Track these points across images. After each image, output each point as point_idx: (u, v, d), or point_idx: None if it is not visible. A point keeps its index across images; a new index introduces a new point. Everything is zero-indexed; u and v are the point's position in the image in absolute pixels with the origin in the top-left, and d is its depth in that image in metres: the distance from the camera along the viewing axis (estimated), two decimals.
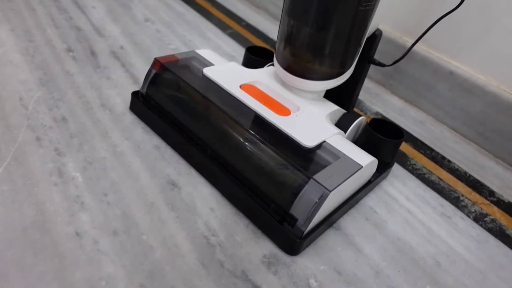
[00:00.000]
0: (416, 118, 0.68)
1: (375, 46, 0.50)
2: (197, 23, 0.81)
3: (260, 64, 0.57)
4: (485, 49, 0.62)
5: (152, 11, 0.80)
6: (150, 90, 0.48)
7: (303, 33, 0.42)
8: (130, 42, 0.66)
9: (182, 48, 0.69)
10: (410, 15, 0.70)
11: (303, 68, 0.44)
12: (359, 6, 0.38)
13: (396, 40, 0.72)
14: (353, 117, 0.49)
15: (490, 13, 0.60)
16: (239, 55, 0.73)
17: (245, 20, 0.90)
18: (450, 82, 0.66)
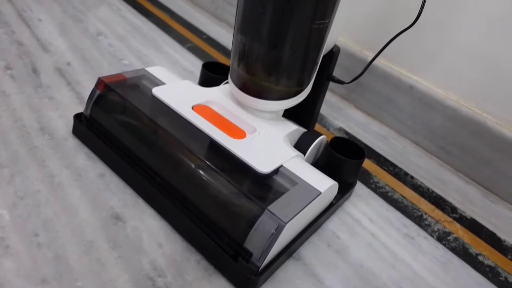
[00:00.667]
0: (378, 132, 0.68)
1: (333, 63, 0.48)
2: (154, 36, 0.78)
3: (217, 81, 0.54)
4: (442, 64, 0.62)
5: (105, 24, 0.76)
6: (94, 112, 0.44)
7: (256, 52, 0.40)
8: (79, 58, 0.62)
9: (135, 64, 0.65)
10: (369, 29, 0.70)
11: (258, 87, 0.42)
12: (312, 25, 0.37)
13: (357, 54, 0.72)
14: (313, 137, 0.47)
15: (445, 29, 0.60)
16: (198, 70, 0.70)
17: (205, 33, 0.87)
18: (410, 96, 0.66)
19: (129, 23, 0.80)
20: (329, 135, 0.63)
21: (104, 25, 0.76)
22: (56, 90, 0.52)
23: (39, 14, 0.72)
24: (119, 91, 0.43)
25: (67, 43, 0.65)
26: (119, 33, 0.74)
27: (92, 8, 0.82)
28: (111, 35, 0.72)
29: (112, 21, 0.79)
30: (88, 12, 0.80)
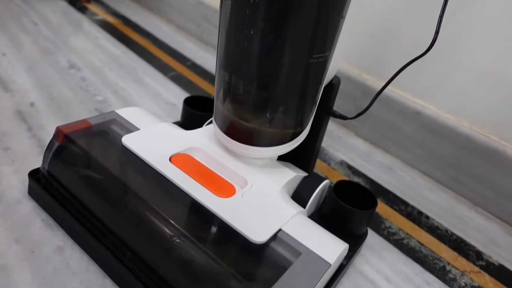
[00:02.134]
0: (383, 163, 0.61)
1: (333, 96, 0.42)
2: (134, 66, 0.71)
3: (201, 119, 0.47)
4: (451, 87, 0.56)
5: (79, 56, 0.70)
6: (53, 169, 0.37)
7: (243, 92, 0.33)
8: (45, 97, 0.55)
9: (110, 100, 0.58)
10: (367, 52, 0.64)
11: (248, 132, 0.35)
12: (309, 59, 0.30)
13: (355, 78, 0.66)
14: (314, 184, 0.40)
15: (454, 50, 0.54)
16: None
17: (190, 60, 0.81)
18: (417, 123, 0.60)
19: (107, 52, 0.74)
20: (331, 171, 0.56)
21: (78, 56, 0.69)
22: (13, 138, 0.45)
23: (3, 47, 0.66)
24: (81, 142, 0.36)
25: (32, 80, 0.58)
26: (94, 65, 0.68)
27: (65, 37, 0.76)
28: (84, 68, 0.66)
29: (87, 51, 0.72)
30: (61, 42, 0.73)
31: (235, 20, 0.30)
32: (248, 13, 0.28)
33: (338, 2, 0.28)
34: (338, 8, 0.29)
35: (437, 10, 0.40)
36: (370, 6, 0.61)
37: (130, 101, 0.59)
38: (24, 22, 0.78)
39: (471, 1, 0.51)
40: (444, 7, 0.34)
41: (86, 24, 0.86)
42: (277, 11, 0.27)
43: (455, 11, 0.52)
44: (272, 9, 0.27)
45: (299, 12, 0.27)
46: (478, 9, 0.51)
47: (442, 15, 0.34)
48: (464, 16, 0.52)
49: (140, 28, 0.92)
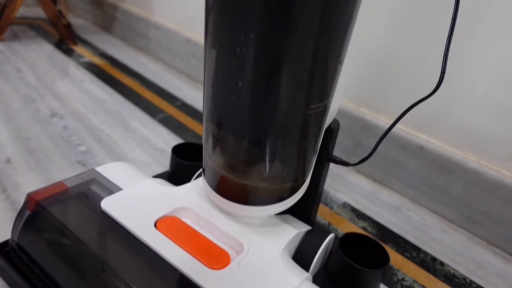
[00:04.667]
0: (389, 203, 0.57)
1: (333, 142, 0.38)
2: (120, 110, 0.68)
3: (191, 170, 0.44)
4: (456, 120, 0.53)
5: (62, 102, 0.67)
6: (23, 241, 0.32)
7: (236, 148, 0.30)
8: (23, 151, 0.51)
9: (94, 149, 0.55)
10: (364, 85, 0.62)
11: (241, 190, 0.31)
12: (306, 111, 0.27)
13: (352, 113, 0.63)
14: (318, 241, 0.36)
15: (456, 80, 0.52)
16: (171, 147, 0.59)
17: (180, 99, 0.78)
18: (421, 158, 0.56)
19: (92, 97, 0.71)
20: (334, 216, 0.52)
21: (61, 103, 0.66)
22: None
23: None
24: (54, 210, 0.32)
25: (10, 132, 0.55)
26: (78, 111, 0.64)
27: (49, 83, 0.73)
28: (68, 115, 0.62)
29: (71, 96, 0.69)
30: (44, 88, 0.70)
31: (222, 71, 0.26)
32: (235, 64, 0.25)
33: (335, 47, 0.25)
34: (335, 53, 0.26)
35: (434, 43, 0.37)
36: (366, 39, 0.59)
37: (115, 150, 0.56)
38: (6, 69, 0.75)
39: (472, 31, 0.49)
40: (448, 46, 0.31)
41: (72, 67, 0.84)
42: (267, 61, 0.24)
43: (456, 41, 0.50)
44: (262, 59, 0.24)
45: (292, 61, 0.24)
46: (480, 38, 0.49)
47: (446, 53, 0.31)
48: (466, 46, 0.50)
49: (128, 68, 0.90)
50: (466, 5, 0.48)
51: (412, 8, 0.53)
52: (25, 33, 1.01)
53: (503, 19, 0.46)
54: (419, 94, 0.34)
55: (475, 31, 0.48)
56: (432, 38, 0.52)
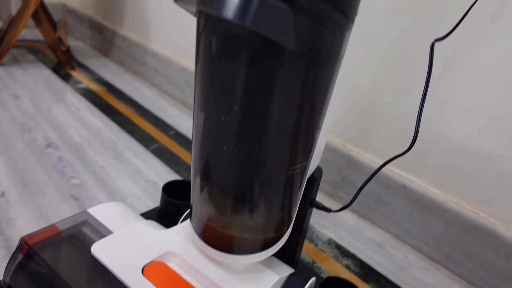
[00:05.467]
0: (373, 239, 0.59)
1: (316, 188, 0.40)
2: (115, 140, 0.70)
3: (181, 209, 0.45)
4: (437, 162, 0.55)
5: (59, 131, 0.68)
6: (15, 284, 0.34)
7: (220, 201, 0.31)
8: (18, 184, 0.52)
9: (87, 183, 0.56)
10: (351, 122, 0.64)
11: (225, 240, 0.33)
12: (286, 172, 0.29)
13: (339, 149, 0.65)
14: (300, 285, 0.38)
15: (436, 124, 0.54)
16: (164, 180, 0.61)
17: (174, 128, 0.80)
18: (404, 197, 0.58)
19: (88, 126, 0.73)
20: (318, 254, 0.53)
21: (57, 132, 0.68)
22: None
23: None
24: (46, 255, 0.33)
25: (6, 164, 0.56)
26: (73, 142, 0.66)
27: (46, 111, 0.75)
28: (63, 146, 0.64)
29: (67, 125, 0.71)
30: (41, 116, 0.72)
31: (208, 134, 0.29)
32: (220, 130, 0.27)
33: (313, 116, 0.28)
34: (314, 121, 0.28)
35: (415, 89, 0.39)
36: (352, 79, 0.61)
37: (108, 182, 0.57)
38: (4, 96, 0.77)
39: (453, 78, 0.52)
40: (422, 105, 0.34)
41: (69, 94, 0.86)
42: (250, 129, 0.26)
43: (438, 85, 0.53)
44: (244, 128, 0.26)
45: (273, 130, 0.26)
46: (459, 83, 0.51)
47: (420, 115, 0.34)
48: (447, 91, 0.52)
49: (124, 95, 0.92)
50: (447, 54, 0.51)
51: (395, 59, 0.56)
52: (24, 56, 1.03)
53: (481, 69, 0.49)
54: (400, 136, 0.36)
55: (456, 78, 0.51)
56: (413, 85, 0.55)
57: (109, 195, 0.54)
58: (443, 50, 0.51)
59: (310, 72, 0.24)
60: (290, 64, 0.23)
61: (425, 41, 0.52)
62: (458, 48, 0.50)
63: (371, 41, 0.58)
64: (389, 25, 0.56)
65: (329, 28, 0.23)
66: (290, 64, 0.23)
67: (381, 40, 0.57)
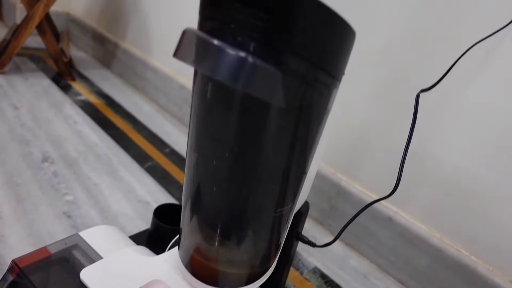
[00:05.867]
0: (359, 270, 0.60)
1: (302, 223, 0.42)
2: (110, 156, 0.71)
3: (170, 234, 0.46)
4: (422, 196, 0.57)
5: (55, 145, 0.69)
6: None
7: (208, 237, 0.33)
8: (12, 199, 0.53)
9: (80, 200, 0.57)
10: (343, 153, 0.66)
11: (211, 274, 0.34)
12: (273, 213, 0.30)
13: (330, 177, 0.67)
14: None
15: (422, 160, 0.56)
16: (156, 200, 0.62)
17: (169, 146, 0.82)
18: (390, 229, 0.60)
19: (84, 140, 0.74)
20: (303, 283, 0.54)
21: (54, 146, 0.69)
22: None
23: None
24: (36, 279, 0.34)
25: (2, 177, 0.57)
26: (69, 157, 0.67)
27: (44, 123, 0.76)
28: (59, 160, 0.65)
29: (64, 139, 0.72)
30: (39, 128, 0.73)
31: (200, 174, 0.30)
32: (210, 173, 0.29)
33: (301, 163, 0.29)
34: (301, 168, 0.29)
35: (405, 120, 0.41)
36: (345, 116, 0.63)
37: (101, 200, 0.58)
38: (3, 106, 0.78)
39: (438, 113, 0.54)
40: (405, 154, 0.35)
41: (68, 106, 0.87)
42: (238, 175, 0.28)
43: (426, 122, 0.55)
44: (233, 173, 0.28)
45: (261, 176, 0.28)
46: (446, 120, 0.53)
47: (403, 163, 0.35)
48: (433, 128, 0.54)
49: (122, 109, 0.93)
50: (437, 95, 0.53)
51: (384, 98, 0.58)
52: (25, 64, 1.04)
53: (468, 109, 0.51)
54: (389, 170, 0.37)
55: (443, 116, 0.53)
56: (402, 122, 0.57)
57: (101, 214, 0.55)
58: (433, 92, 0.53)
59: (298, 125, 0.26)
60: (279, 118, 0.25)
61: (413, 82, 0.54)
62: (447, 89, 0.52)
63: (362, 83, 0.60)
64: (379, 68, 0.58)
65: (317, 88, 0.24)
66: (279, 118, 0.25)
67: (372, 81, 0.59)
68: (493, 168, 0.50)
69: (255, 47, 0.22)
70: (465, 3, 0.49)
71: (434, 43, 0.52)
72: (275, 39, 0.21)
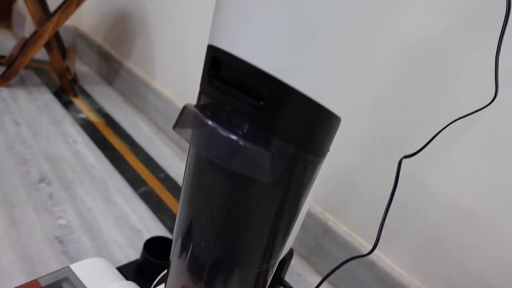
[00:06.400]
0: None
1: (285, 269, 0.43)
2: (106, 179, 0.73)
3: (159, 268, 0.48)
4: (405, 244, 0.59)
5: (53, 165, 0.71)
6: None
7: (194, 286, 0.34)
8: (6, 221, 0.55)
9: (73, 224, 0.59)
10: (332, 194, 0.68)
11: None
12: (254, 270, 0.32)
13: (317, 216, 0.69)
14: None
15: (407, 210, 0.58)
16: (147, 229, 0.64)
17: (164, 170, 0.83)
18: (373, 273, 0.61)
19: (82, 161, 0.76)
20: None
21: (51, 166, 0.71)
22: None
23: None
24: None
25: None
26: (66, 178, 0.69)
27: (43, 141, 0.78)
28: (55, 181, 0.67)
29: (62, 159, 0.74)
30: (37, 147, 0.75)
31: (188, 229, 0.32)
32: (199, 230, 0.31)
33: (285, 226, 0.31)
34: (284, 230, 0.31)
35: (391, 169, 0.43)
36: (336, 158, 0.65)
37: (93, 226, 0.60)
38: (5, 121, 0.80)
39: (423, 164, 0.56)
40: (385, 215, 0.37)
41: (68, 124, 0.89)
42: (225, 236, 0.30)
43: (410, 174, 0.57)
44: (221, 233, 0.30)
45: (247, 238, 0.30)
46: (431, 176, 0.55)
47: (383, 223, 0.37)
48: (418, 182, 0.56)
49: (121, 129, 0.95)
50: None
51: (373, 146, 0.60)
52: (30, 78, 1.07)
53: (452, 162, 0.53)
54: (375, 214, 0.39)
55: (426, 170, 0.55)
56: (389, 171, 0.59)
57: (92, 241, 0.57)
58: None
59: (284, 194, 0.28)
60: (266, 189, 0.27)
61: (400, 141, 0.57)
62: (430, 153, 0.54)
63: (354, 132, 0.62)
64: (369, 124, 0.60)
65: (302, 165, 0.27)
66: (266, 189, 0.27)
67: (363, 133, 0.61)
68: (469, 223, 0.52)
69: (247, 129, 0.24)
70: (451, 82, 0.51)
71: (421, 112, 0.55)
72: (265, 123, 0.24)
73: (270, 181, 0.25)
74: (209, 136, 0.23)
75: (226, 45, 0.23)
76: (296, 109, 0.23)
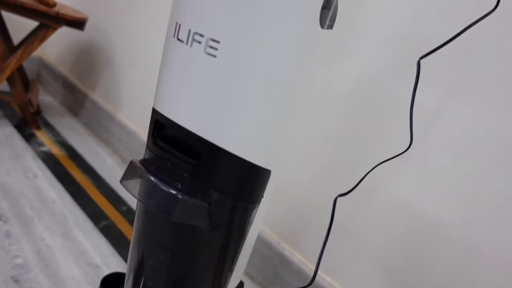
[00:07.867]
0: None
1: None
2: (66, 214, 0.73)
3: None
4: (352, 270, 0.63)
5: (12, 202, 0.71)
6: None
7: None
8: None
9: (30, 262, 0.59)
10: (288, 223, 0.71)
11: None
12: None
13: (274, 245, 0.72)
14: None
15: (352, 238, 0.62)
16: (106, 265, 0.65)
17: (127, 203, 0.85)
18: None
19: (42, 197, 0.76)
20: None
21: (10, 203, 0.71)
22: None
23: None
24: None
25: None
26: (24, 215, 0.69)
27: (2, 177, 0.77)
28: (13, 219, 0.67)
29: (21, 195, 0.74)
30: None
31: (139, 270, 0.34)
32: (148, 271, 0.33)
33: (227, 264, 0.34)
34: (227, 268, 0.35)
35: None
36: (292, 190, 0.70)
37: (51, 263, 0.60)
38: None
39: (365, 204, 0.61)
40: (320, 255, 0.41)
41: (29, 158, 0.89)
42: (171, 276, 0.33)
43: (348, 209, 0.62)
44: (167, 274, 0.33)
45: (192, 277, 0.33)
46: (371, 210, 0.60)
47: (320, 257, 0.41)
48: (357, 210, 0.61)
49: (85, 162, 0.96)
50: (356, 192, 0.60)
51: (329, 171, 0.65)
52: None
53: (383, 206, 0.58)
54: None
55: (364, 204, 0.60)
56: None
57: (49, 279, 0.57)
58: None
59: (224, 239, 0.31)
60: (206, 235, 0.30)
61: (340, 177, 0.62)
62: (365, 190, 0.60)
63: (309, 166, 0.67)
64: (319, 158, 0.65)
65: (238, 212, 0.30)
66: (206, 235, 0.30)
67: (317, 157, 0.66)
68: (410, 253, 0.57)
69: (186, 183, 0.27)
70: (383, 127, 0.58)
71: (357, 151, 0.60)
72: (202, 178, 0.27)
73: (207, 227, 0.28)
74: (151, 191, 0.26)
75: (166, 111, 0.27)
76: (228, 166, 0.27)
